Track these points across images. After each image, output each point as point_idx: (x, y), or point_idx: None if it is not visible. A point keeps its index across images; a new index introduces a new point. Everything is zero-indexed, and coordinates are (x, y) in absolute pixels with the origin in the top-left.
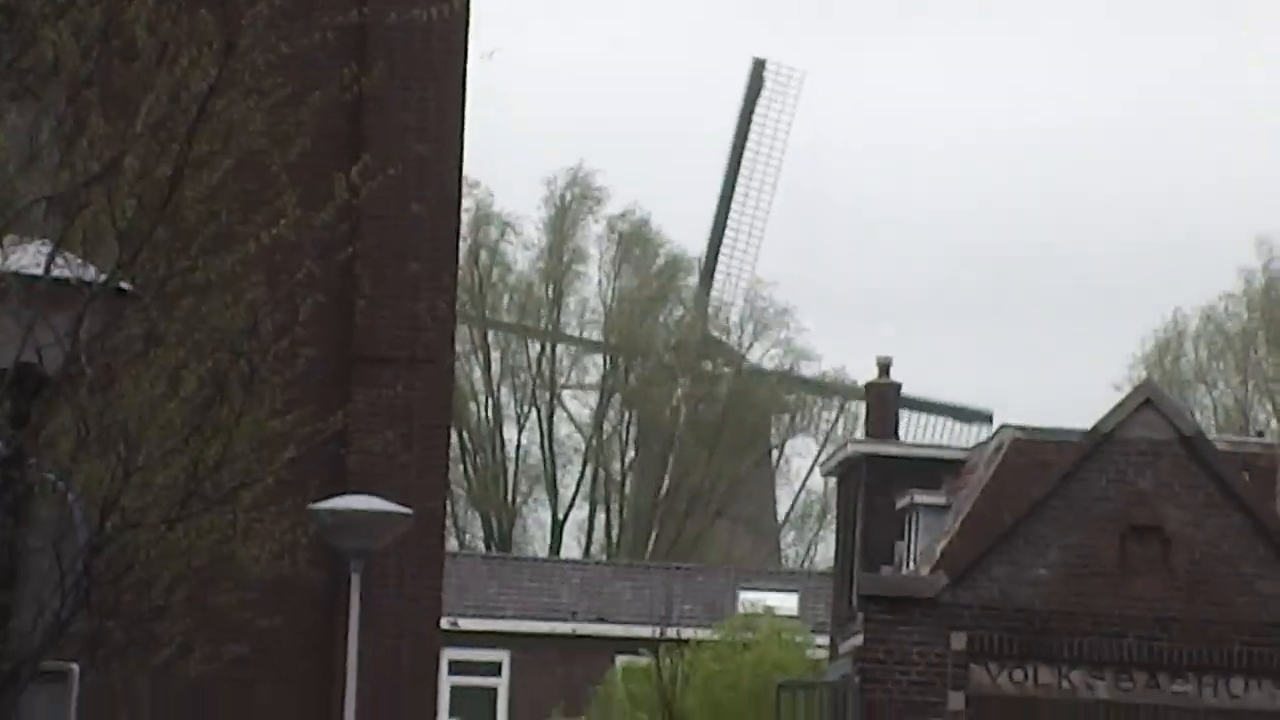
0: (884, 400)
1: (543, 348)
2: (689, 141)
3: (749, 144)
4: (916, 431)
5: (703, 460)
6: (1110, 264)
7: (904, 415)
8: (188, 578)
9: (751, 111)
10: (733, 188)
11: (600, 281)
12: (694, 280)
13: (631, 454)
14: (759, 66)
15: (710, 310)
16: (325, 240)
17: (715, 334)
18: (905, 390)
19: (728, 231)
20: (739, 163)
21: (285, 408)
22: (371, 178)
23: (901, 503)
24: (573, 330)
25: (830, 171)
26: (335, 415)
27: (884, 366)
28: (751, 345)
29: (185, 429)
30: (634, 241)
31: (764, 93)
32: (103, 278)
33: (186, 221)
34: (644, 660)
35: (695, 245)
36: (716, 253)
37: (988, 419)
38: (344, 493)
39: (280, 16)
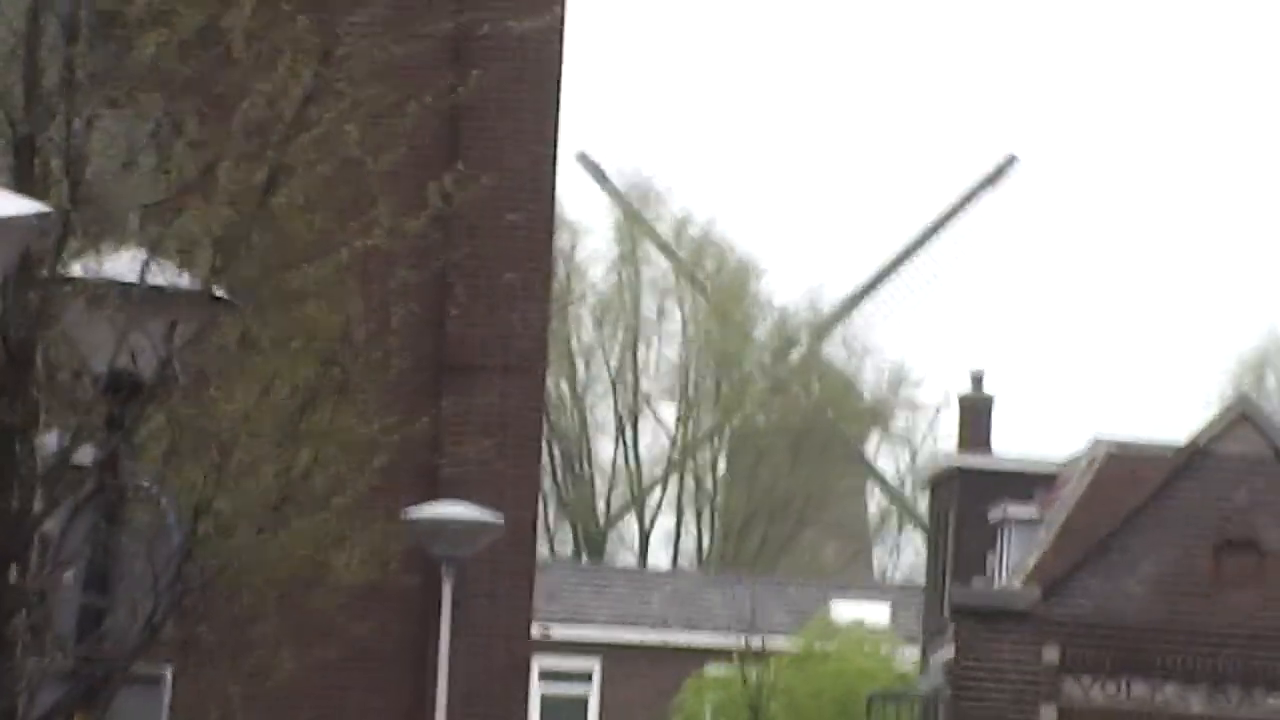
0: (976, 413)
1: (625, 357)
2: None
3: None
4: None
5: (791, 470)
6: (1204, 276)
7: None
8: (280, 583)
9: (973, 198)
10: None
11: (677, 292)
12: (764, 286)
13: (720, 464)
14: (1009, 162)
15: (785, 319)
16: (419, 249)
17: (797, 342)
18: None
19: (883, 291)
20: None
21: (378, 415)
22: (465, 186)
23: (994, 515)
24: (652, 342)
25: None
26: (422, 420)
27: (977, 379)
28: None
29: (278, 435)
30: (705, 249)
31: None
32: (197, 285)
33: (281, 229)
34: (723, 670)
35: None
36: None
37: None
38: (437, 500)
39: (378, 25)
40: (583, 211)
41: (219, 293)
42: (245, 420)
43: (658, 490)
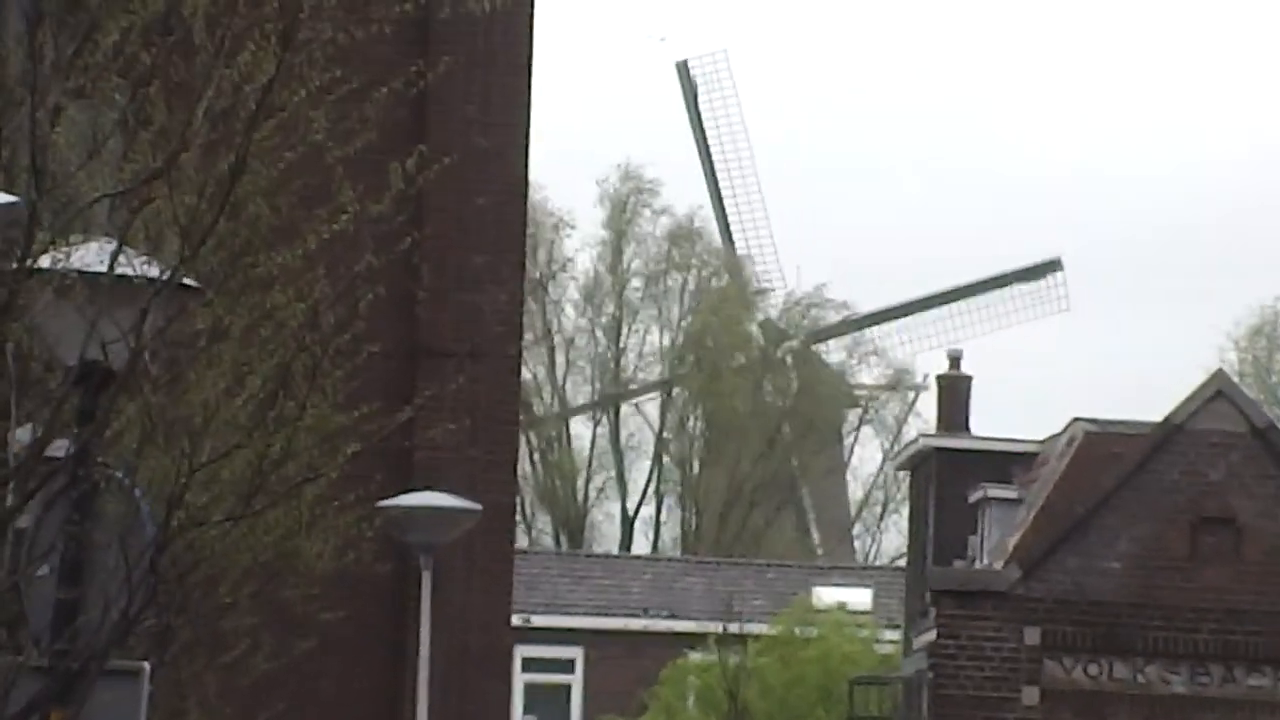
0: (955, 393)
1: (608, 342)
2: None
3: (711, 139)
4: (989, 319)
5: (772, 454)
6: (1200, 247)
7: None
8: (254, 573)
9: (697, 109)
10: (717, 184)
11: (658, 279)
12: (744, 274)
13: (700, 449)
14: (683, 69)
15: (757, 298)
16: (384, 232)
17: (777, 325)
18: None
19: (733, 224)
20: (710, 157)
21: (349, 402)
22: (428, 167)
23: (974, 496)
24: (635, 327)
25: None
26: (401, 410)
27: (954, 359)
28: (812, 339)
29: (249, 424)
30: (686, 237)
31: (701, 89)
32: (165, 274)
33: (248, 215)
34: (704, 657)
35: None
36: (733, 243)
37: (1056, 266)
38: (410, 487)
39: (339, 9)
40: (571, 199)
41: (188, 281)
42: (216, 409)
43: (639, 476)
